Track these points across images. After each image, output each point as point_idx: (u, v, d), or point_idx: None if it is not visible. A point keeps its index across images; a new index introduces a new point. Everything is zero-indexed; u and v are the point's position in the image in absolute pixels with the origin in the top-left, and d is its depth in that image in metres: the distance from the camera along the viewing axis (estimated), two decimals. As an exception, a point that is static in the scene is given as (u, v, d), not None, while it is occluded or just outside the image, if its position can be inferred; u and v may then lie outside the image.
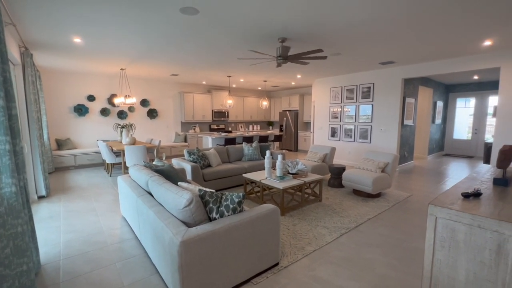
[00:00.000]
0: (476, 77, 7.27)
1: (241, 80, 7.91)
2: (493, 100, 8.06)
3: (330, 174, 5.01)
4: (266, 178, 3.78)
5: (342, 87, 7.05)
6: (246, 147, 5.42)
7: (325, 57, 3.80)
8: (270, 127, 11.48)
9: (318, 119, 7.84)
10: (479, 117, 8.35)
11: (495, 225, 1.29)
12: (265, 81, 8.10)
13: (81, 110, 6.80)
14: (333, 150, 5.34)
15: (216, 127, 9.62)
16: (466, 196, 1.61)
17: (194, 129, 9.01)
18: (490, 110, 8.13)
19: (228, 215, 2.01)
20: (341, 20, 3.06)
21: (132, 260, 2.40)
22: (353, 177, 4.20)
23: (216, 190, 4.59)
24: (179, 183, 2.36)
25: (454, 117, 8.86)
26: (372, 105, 6.42)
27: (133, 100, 6.37)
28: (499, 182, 1.91)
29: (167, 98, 8.46)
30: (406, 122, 6.44)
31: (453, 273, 1.45)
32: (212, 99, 9.23)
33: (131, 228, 3.05)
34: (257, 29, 3.39)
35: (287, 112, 9.84)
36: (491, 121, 8.18)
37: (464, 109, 8.73)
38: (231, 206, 2.01)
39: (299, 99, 9.63)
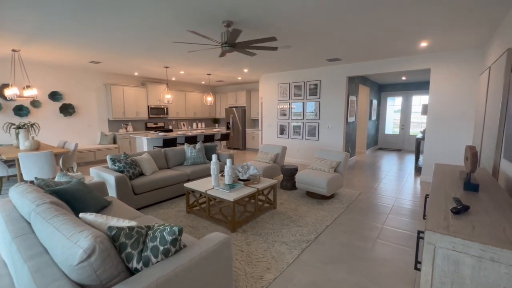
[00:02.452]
0: (404, 78, 8.01)
1: (181, 72, 7.01)
2: (416, 99, 9.09)
3: (282, 175, 4.68)
4: (213, 188, 3.18)
5: (290, 83, 6.87)
6: (188, 149, 4.68)
7: (276, 41, 3.37)
8: (216, 125, 10.78)
9: (267, 116, 7.54)
10: (405, 114, 9.34)
11: (513, 258, 1.00)
12: (209, 74, 7.37)
13: (-49, 104, 4.93)
14: (284, 149, 5.05)
15: (153, 126, 8.45)
16: (456, 212, 1.35)
17: (126, 128, 7.69)
18: (414, 108, 9.15)
19: (158, 262, 1.36)
20: (292, 4, 2.65)
21: None
22: (307, 178, 3.94)
23: (151, 204, 3.76)
24: (81, 215, 1.58)
25: (386, 114, 9.73)
26: (319, 102, 6.40)
27: (33, 92, 4.89)
28: (471, 188, 1.75)
29: (88, 90, 6.95)
30: (349, 119, 6.63)
31: (456, 316, 1.15)
32: (148, 93, 8.03)
33: (12, 279, 2.07)
34: (197, 6, 2.73)
35: (234, 108, 9.31)
36: (414, 118, 9.23)
37: (393, 107, 9.66)
38: (162, 248, 1.37)
39: (246, 95, 9.20)
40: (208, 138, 7.11)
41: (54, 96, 6.28)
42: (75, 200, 2.19)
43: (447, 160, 4.82)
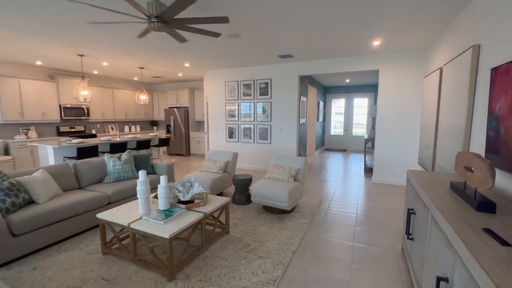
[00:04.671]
0: (347, 80, 8.24)
1: (105, 63, 5.65)
2: (356, 101, 9.53)
3: (234, 187, 3.97)
4: (141, 218, 2.27)
5: (238, 81, 6.22)
6: (110, 161, 3.56)
7: (226, 19, 2.66)
8: (155, 128, 9.41)
9: (213, 118, 6.73)
10: (348, 115, 9.71)
11: None
12: (141, 68, 6.17)
13: None
14: (235, 156, 4.36)
15: (69, 130, 6.72)
16: (524, 265, 0.86)
17: (27, 134, 5.86)
18: (355, 110, 9.58)
19: None
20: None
21: None
22: (264, 191, 3.32)
23: (46, 246, 2.57)
24: None
25: (331, 116, 9.98)
26: (271, 102, 5.92)
27: None
28: (486, 208, 1.36)
29: (-41, 82, 4.98)
30: (301, 120, 6.36)
31: None
32: (60, 88, 6.32)
33: None
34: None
35: (175, 109, 8.19)
36: (355, 119, 9.66)
37: (337, 109, 9.97)
38: None
39: (189, 94, 8.19)
40: (143, 144, 5.91)
41: None
42: None
43: (398, 161, 4.86)
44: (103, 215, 2.34)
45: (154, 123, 9.40)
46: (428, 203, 1.60)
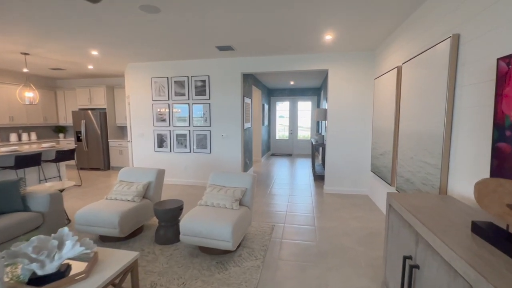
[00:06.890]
0: (292, 83, 7.88)
1: (-44, 42, 3.79)
2: (300, 105, 9.33)
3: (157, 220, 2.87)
4: None
5: (168, 78, 5.07)
6: None
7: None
8: (61, 135, 7.33)
9: (138, 122, 5.39)
10: (292, 119, 9.44)
11: None
12: (25, 54, 4.43)
13: None
14: (161, 174, 3.25)
15: None
16: None
17: None
18: (299, 113, 9.37)
19: None
20: None
21: None
22: (198, 227, 2.36)
23: None
24: None
25: (276, 120, 9.55)
26: (209, 104, 4.96)
27: None
28: None
29: None
30: (245, 125, 5.58)
31: None
32: None
33: None
34: None
35: (89, 111, 6.44)
36: (300, 123, 9.46)
37: (281, 112, 9.62)
38: None
39: (107, 93, 6.55)
40: (29, 160, 4.18)
41: None
42: None
43: (350, 167, 4.50)
44: None
45: (60, 129, 7.31)
46: (467, 271, 0.93)
